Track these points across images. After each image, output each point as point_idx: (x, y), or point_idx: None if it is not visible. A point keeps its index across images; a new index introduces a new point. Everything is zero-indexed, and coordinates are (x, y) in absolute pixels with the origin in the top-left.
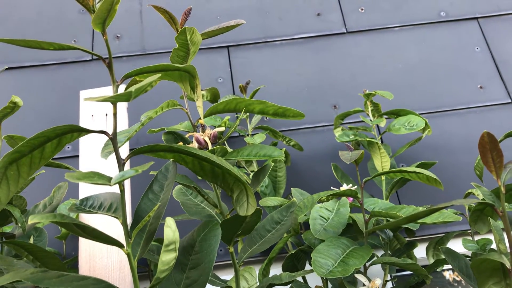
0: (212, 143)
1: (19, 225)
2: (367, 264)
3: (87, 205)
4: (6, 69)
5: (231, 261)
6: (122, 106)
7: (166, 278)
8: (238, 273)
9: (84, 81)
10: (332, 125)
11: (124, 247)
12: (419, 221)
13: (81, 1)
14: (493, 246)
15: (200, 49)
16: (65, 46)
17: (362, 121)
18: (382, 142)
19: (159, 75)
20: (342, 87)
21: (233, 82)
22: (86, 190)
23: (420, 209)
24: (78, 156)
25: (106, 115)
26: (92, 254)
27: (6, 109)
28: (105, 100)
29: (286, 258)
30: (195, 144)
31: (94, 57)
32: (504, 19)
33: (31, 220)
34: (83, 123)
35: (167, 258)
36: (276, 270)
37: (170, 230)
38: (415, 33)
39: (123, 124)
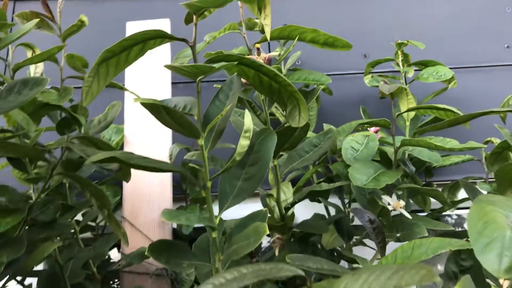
0: None
1: (82, 131)
2: (393, 191)
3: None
4: None
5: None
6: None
7: (227, 173)
8: (279, 184)
9: (128, 15)
10: (361, 73)
11: (199, 138)
12: (438, 164)
13: None
14: None
15: None
16: None
17: (391, 71)
18: None
19: None
20: (373, 37)
21: None
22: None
23: (449, 141)
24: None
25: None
26: (136, 173)
27: (73, 27)
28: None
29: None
30: None
31: None
32: None
33: (90, 160)
34: None
35: (243, 143)
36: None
37: (248, 119)
38: None
39: (166, 59)
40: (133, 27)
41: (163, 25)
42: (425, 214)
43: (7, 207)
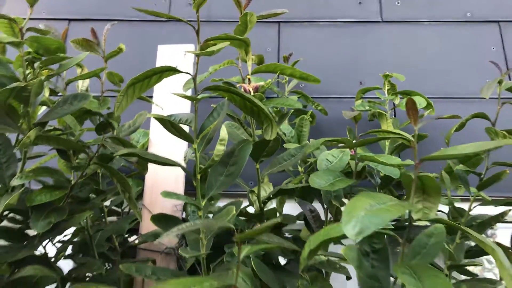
0: (254, 92)
1: (115, 133)
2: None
3: (174, 119)
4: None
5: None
6: (189, 64)
7: (214, 170)
8: (259, 183)
9: (160, 37)
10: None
11: (194, 143)
12: None
13: None
14: None
15: (256, 21)
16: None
17: (379, 97)
18: (395, 116)
19: (228, 42)
20: (369, 67)
21: (279, 53)
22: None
23: (394, 159)
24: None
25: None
26: (156, 171)
27: (113, 52)
28: (200, 54)
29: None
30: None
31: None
32: None
33: (117, 154)
34: None
35: (219, 148)
36: (291, 202)
37: (224, 132)
38: (441, 29)
39: (188, 76)
40: (164, 50)
41: (188, 48)
42: (393, 222)
43: (54, 185)
